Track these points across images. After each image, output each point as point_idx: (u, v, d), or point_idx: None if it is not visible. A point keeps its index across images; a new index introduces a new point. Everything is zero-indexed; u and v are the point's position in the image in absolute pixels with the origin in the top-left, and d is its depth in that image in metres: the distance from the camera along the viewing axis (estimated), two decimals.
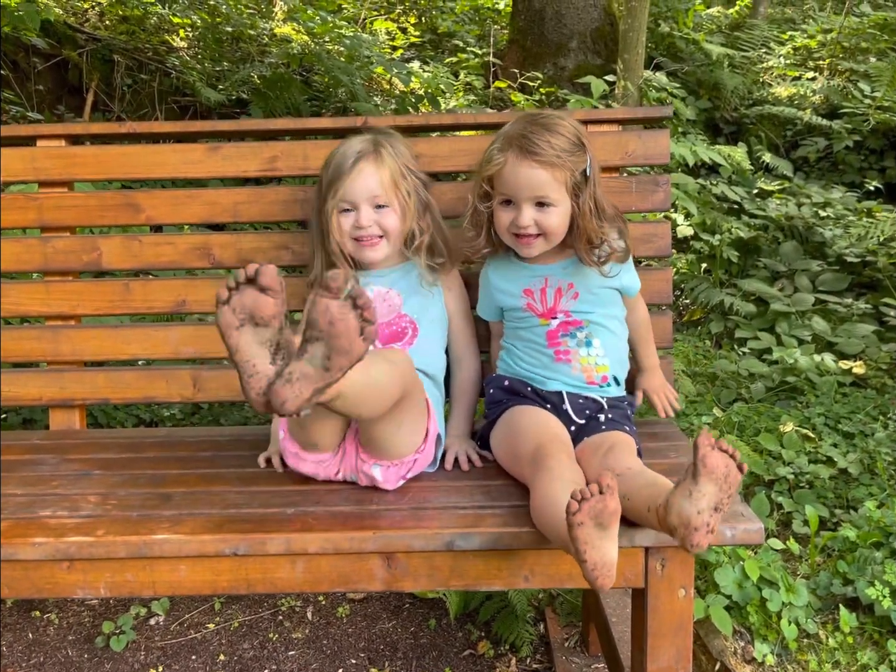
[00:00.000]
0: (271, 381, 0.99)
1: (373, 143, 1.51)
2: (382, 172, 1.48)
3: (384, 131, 1.57)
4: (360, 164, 1.47)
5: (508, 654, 1.90)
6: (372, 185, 1.48)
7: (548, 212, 1.42)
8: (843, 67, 5.04)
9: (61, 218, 1.78)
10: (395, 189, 1.49)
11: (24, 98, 3.95)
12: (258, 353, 1.00)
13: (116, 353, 1.78)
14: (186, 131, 1.85)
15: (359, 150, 1.48)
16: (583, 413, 1.45)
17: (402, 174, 1.50)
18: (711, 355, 3.12)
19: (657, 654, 1.23)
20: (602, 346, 1.50)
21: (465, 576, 1.22)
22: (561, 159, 1.39)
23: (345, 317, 0.97)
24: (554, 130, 1.40)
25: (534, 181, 1.39)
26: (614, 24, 5.10)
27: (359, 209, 1.49)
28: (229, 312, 0.99)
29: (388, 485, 1.35)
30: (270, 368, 0.99)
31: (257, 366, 1.00)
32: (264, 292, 0.98)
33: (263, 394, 0.99)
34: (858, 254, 3.51)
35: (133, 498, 1.34)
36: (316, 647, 1.95)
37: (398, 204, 1.50)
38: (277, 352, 1.00)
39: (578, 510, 0.99)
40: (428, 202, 1.55)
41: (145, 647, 1.96)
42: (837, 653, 1.71)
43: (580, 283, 1.50)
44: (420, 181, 1.54)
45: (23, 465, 1.53)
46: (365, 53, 4.58)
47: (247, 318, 0.99)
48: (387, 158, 1.49)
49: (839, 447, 2.32)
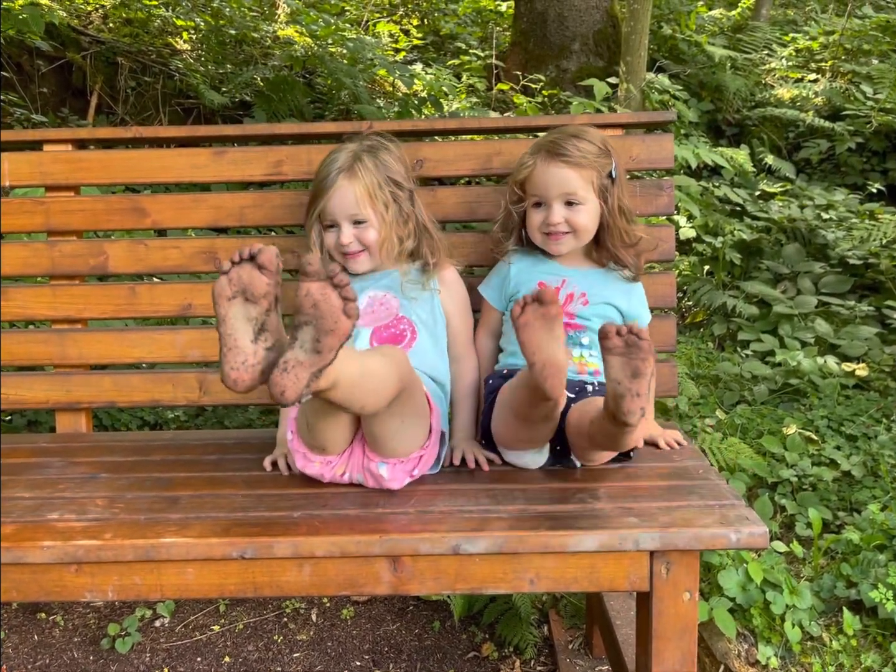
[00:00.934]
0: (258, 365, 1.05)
1: (352, 158, 1.53)
2: (357, 188, 1.51)
3: (374, 142, 1.58)
4: (338, 181, 1.52)
5: (512, 656, 1.91)
6: (348, 204, 1.52)
7: (577, 210, 1.51)
8: (846, 69, 5.04)
9: (68, 222, 1.79)
10: (371, 202, 1.52)
11: (29, 100, 3.96)
12: (242, 328, 1.04)
13: (122, 356, 1.79)
14: (192, 135, 1.86)
15: (338, 166, 1.52)
16: (573, 390, 1.48)
17: (379, 185, 1.53)
18: (714, 357, 3.12)
19: (662, 657, 1.23)
20: (595, 350, 1.54)
21: (471, 579, 1.23)
22: (587, 160, 1.49)
23: (326, 296, 1.02)
24: (580, 136, 1.52)
25: (562, 180, 1.49)
26: (616, 26, 5.11)
27: (339, 227, 1.53)
28: (225, 281, 1.04)
29: (394, 483, 1.36)
30: (250, 346, 1.04)
31: (238, 340, 1.04)
32: (260, 270, 1.03)
33: (235, 368, 1.03)
34: (861, 256, 3.51)
35: (140, 501, 1.35)
36: (321, 649, 1.96)
37: (375, 218, 1.53)
38: (261, 332, 1.05)
39: (522, 313, 1.11)
40: (410, 212, 1.57)
41: (151, 648, 1.97)
42: (841, 655, 1.71)
43: (594, 293, 1.56)
44: (404, 192, 1.56)
45: (30, 468, 1.54)
46: (368, 56, 4.58)
47: (239, 292, 1.04)
48: (361, 174, 1.52)
49: (842, 450, 2.32)
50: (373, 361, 1.19)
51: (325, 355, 1.02)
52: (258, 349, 1.05)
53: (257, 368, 1.05)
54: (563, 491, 1.33)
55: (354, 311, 1.03)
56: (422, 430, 1.37)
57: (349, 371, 1.11)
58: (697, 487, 1.34)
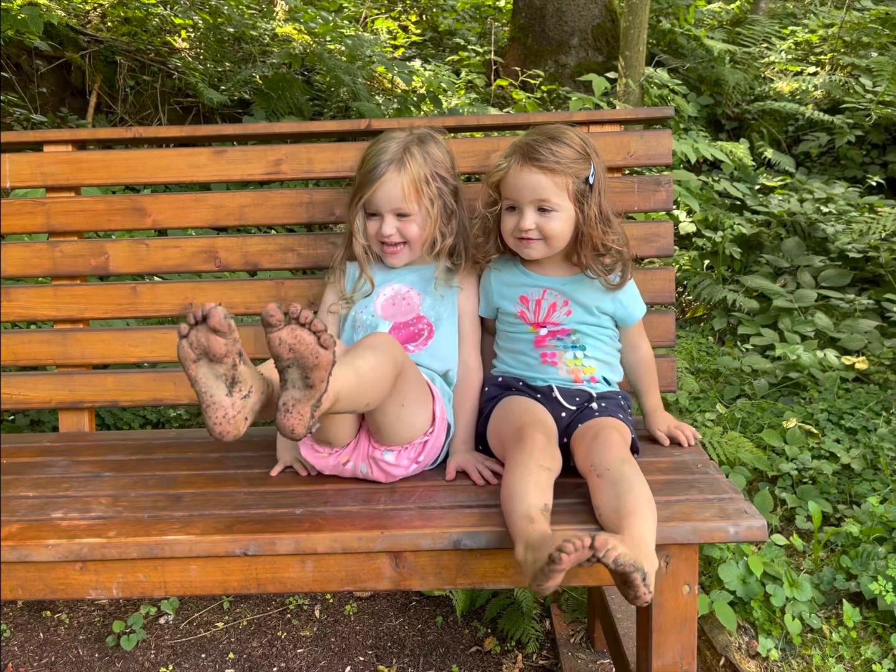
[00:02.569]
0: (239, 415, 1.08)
1: (403, 150, 1.52)
2: (405, 180, 1.50)
3: (422, 134, 1.57)
4: (386, 174, 1.50)
5: (515, 650, 1.92)
6: (394, 195, 1.51)
7: (549, 216, 1.46)
8: (845, 62, 5.04)
9: (69, 222, 1.80)
10: (417, 196, 1.51)
11: (28, 100, 3.97)
12: (214, 385, 1.08)
13: (124, 355, 1.80)
14: (192, 135, 1.87)
15: (388, 158, 1.51)
16: (573, 400, 1.48)
17: (427, 180, 1.52)
18: (714, 352, 3.13)
19: (662, 650, 1.24)
20: (589, 350, 1.53)
21: (472, 574, 1.24)
22: (561, 165, 1.43)
23: (299, 338, 1.05)
24: (558, 139, 1.45)
25: (535, 186, 1.44)
26: (615, 20, 5.11)
27: (382, 218, 1.53)
28: (187, 346, 1.07)
29: (399, 470, 1.39)
30: (227, 400, 1.07)
31: (214, 396, 1.07)
32: (215, 333, 1.05)
33: (218, 423, 1.07)
34: (861, 249, 3.51)
35: (144, 499, 1.36)
36: (324, 645, 1.97)
37: (420, 212, 1.53)
38: (233, 384, 1.08)
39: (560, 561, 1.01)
40: (454, 209, 1.57)
41: (155, 645, 1.99)
42: (841, 647, 1.72)
43: (577, 302, 1.53)
44: (449, 187, 1.56)
45: (34, 467, 1.56)
46: (366, 53, 4.58)
47: (202, 354, 1.06)
48: (410, 165, 1.51)
49: (842, 443, 2.33)
50: (365, 362, 1.21)
51: (318, 387, 1.07)
52: (235, 401, 1.08)
53: (239, 418, 1.09)
54: (563, 486, 1.34)
55: (329, 340, 1.06)
56: (424, 414, 1.39)
57: (346, 382, 1.15)
58: (696, 481, 1.35)
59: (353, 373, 1.17)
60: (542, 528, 1.12)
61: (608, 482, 1.22)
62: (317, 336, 1.06)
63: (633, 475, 1.22)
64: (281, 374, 1.08)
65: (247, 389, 1.09)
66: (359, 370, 1.19)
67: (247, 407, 1.09)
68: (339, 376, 1.12)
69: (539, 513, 1.16)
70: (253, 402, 1.10)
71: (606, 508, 1.19)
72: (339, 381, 1.12)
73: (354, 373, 1.17)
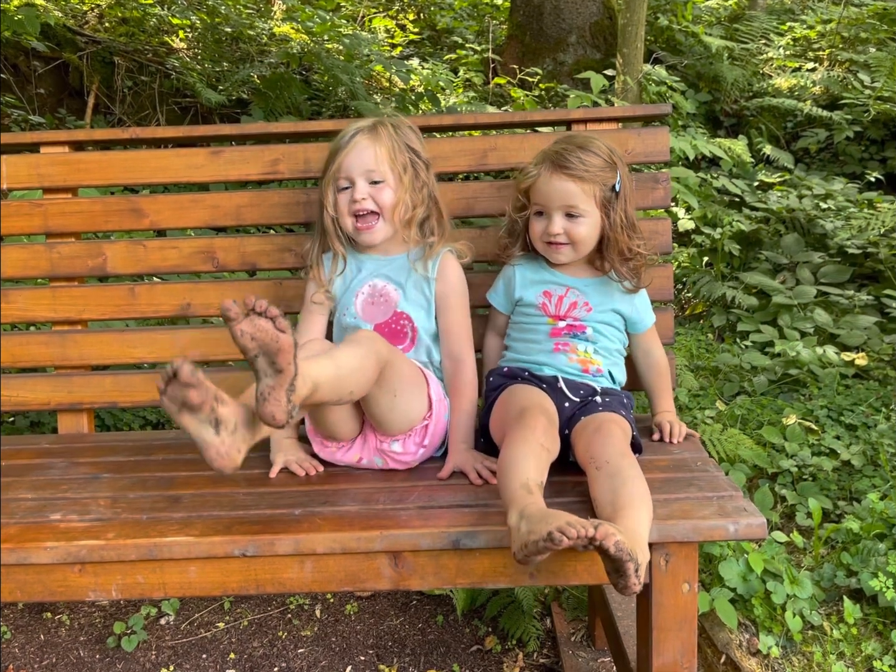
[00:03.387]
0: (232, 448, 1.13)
1: (373, 122, 1.55)
2: (378, 147, 1.51)
3: (395, 118, 1.60)
4: (356, 139, 1.51)
5: (515, 648, 1.92)
6: (367, 160, 1.51)
7: (577, 222, 1.52)
8: (843, 58, 5.03)
9: (66, 224, 1.80)
10: (390, 163, 1.52)
11: (26, 101, 3.96)
12: (202, 428, 1.12)
13: (123, 356, 1.80)
14: (189, 135, 1.87)
15: (357, 127, 1.54)
16: (577, 392, 1.50)
17: (398, 149, 1.53)
18: (714, 349, 3.12)
19: (662, 648, 1.24)
20: (600, 347, 1.57)
21: (472, 574, 1.24)
22: (590, 173, 1.49)
23: (256, 326, 1.09)
24: (586, 148, 1.51)
25: (564, 192, 1.50)
26: (613, 17, 5.10)
27: (354, 183, 1.52)
28: (167, 401, 1.11)
29: (408, 456, 1.44)
30: (216, 439, 1.12)
31: (205, 439, 1.12)
32: (186, 387, 1.08)
33: (214, 459, 1.12)
34: (860, 245, 3.51)
35: (142, 501, 1.36)
36: (325, 645, 1.97)
37: (393, 178, 1.52)
38: (218, 425, 1.12)
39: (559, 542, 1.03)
40: (426, 180, 1.57)
41: (156, 646, 1.99)
42: (842, 644, 1.72)
43: (596, 302, 1.58)
44: (421, 160, 1.57)
45: (33, 469, 1.55)
46: (364, 52, 4.58)
47: (181, 405, 1.10)
48: (383, 135, 1.53)
49: (842, 439, 2.33)
50: (344, 354, 1.27)
51: (287, 370, 1.10)
52: (224, 438, 1.12)
53: (232, 451, 1.13)
54: (562, 484, 1.34)
55: (283, 323, 1.10)
56: (419, 399, 1.43)
57: (324, 373, 1.21)
58: (696, 479, 1.35)
59: (331, 363, 1.23)
60: (539, 502, 1.14)
61: (606, 475, 1.23)
62: (273, 321, 1.09)
63: (630, 469, 1.23)
64: (252, 367, 1.12)
65: (232, 426, 1.13)
66: (337, 360, 1.25)
67: (237, 440, 1.13)
68: (318, 366, 1.19)
69: (537, 486, 1.18)
70: (242, 434, 1.14)
71: (602, 501, 1.20)
72: (317, 370, 1.18)
73: (333, 363, 1.23)
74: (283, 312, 1.11)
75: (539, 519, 1.07)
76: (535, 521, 1.07)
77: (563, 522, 1.03)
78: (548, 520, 1.05)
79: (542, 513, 1.09)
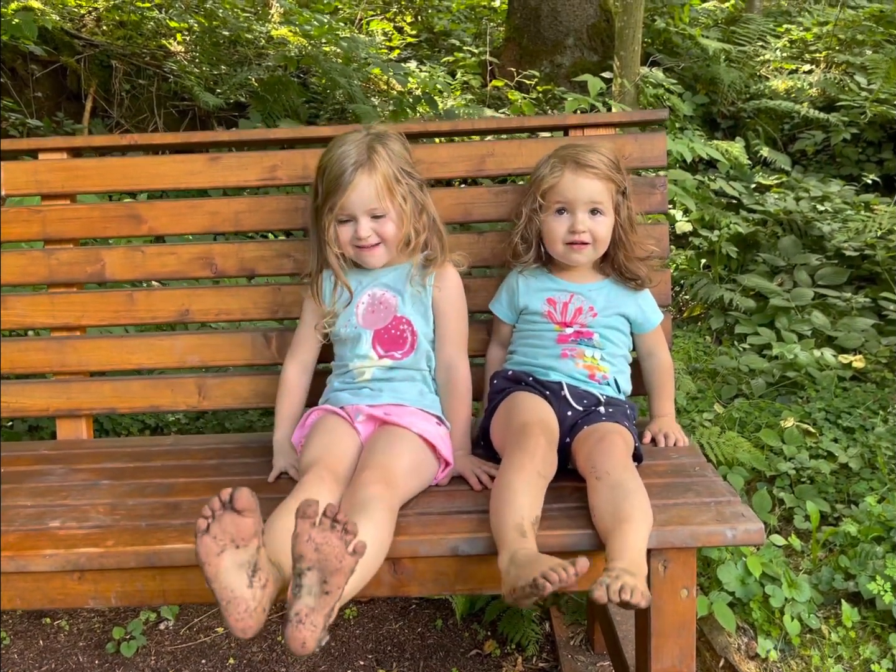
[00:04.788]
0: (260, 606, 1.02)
1: (367, 150, 1.48)
2: (377, 181, 1.47)
3: (379, 132, 1.55)
4: (356, 177, 1.46)
5: (515, 653, 1.92)
6: (368, 198, 1.47)
7: (599, 220, 1.55)
8: (840, 60, 5.04)
9: (65, 230, 1.80)
10: (390, 196, 1.49)
11: (23, 105, 3.97)
12: (236, 577, 1.01)
13: (122, 362, 1.80)
14: (187, 141, 1.87)
15: (354, 161, 1.46)
16: (581, 402, 1.49)
17: (397, 178, 1.50)
18: (712, 351, 3.13)
19: (661, 654, 1.24)
20: (608, 354, 1.57)
21: (471, 580, 1.24)
22: (610, 173, 1.54)
23: (327, 539, 0.98)
24: (598, 151, 1.56)
25: (591, 189, 1.53)
26: (610, 20, 5.10)
27: (357, 221, 1.49)
28: (210, 541, 1.00)
29: None
30: (248, 592, 1.00)
31: (235, 591, 1.01)
32: (241, 514, 1.00)
33: (240, 619, 1.00)
34: (857, 247, 3.51)
35: (141, 507, 1.36)
36: (324, 650, 1.97)
37: (394, 211, 1.50)
38: (255, 573, 1.01)
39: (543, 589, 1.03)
40: (424, 203, 1.56)
41: (155, 651, 1.99)
42: (840, 647, 1.73)
43: (602, 306, 1.59)
44: (416, 182, 1.55)
45: (31, 475, 1.55)
46: (362, 55, 4.58)
47: (227, 543, 1.00)
48: (380, 165, 1.47)
49: (840, 442, 2.33)
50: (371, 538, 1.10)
51: (334, 594, 1.00)
52: (255, 592, 1.01)
53: (259, 610, 1.02)
54: (560, 490, 1.34)
55: (360, 547, 1.00)
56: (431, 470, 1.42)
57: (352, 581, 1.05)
58: (694, 484, 1.35)
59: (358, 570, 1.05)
60: (530, 547, 1.13)
61: (607, 486, 1.23)
62: (348, 540, 0.99)
63: (632, 482, 1.23)
64: (297, 577, 1.00)
65: (265, 577, 1.03)
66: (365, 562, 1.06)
67: (265, 597, 1.03)
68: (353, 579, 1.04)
69: (531, 525, 1.17)
70: (270, 591, 1.04)
71: (602, 511, 1.20)
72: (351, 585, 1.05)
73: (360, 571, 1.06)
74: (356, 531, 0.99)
75: (526, 563, 1.08)
76: (523, 566, 1.08)
77: (547, 568, 1.03)
78: (533, 566, 1.06)
79: (530, 558, 1.10)
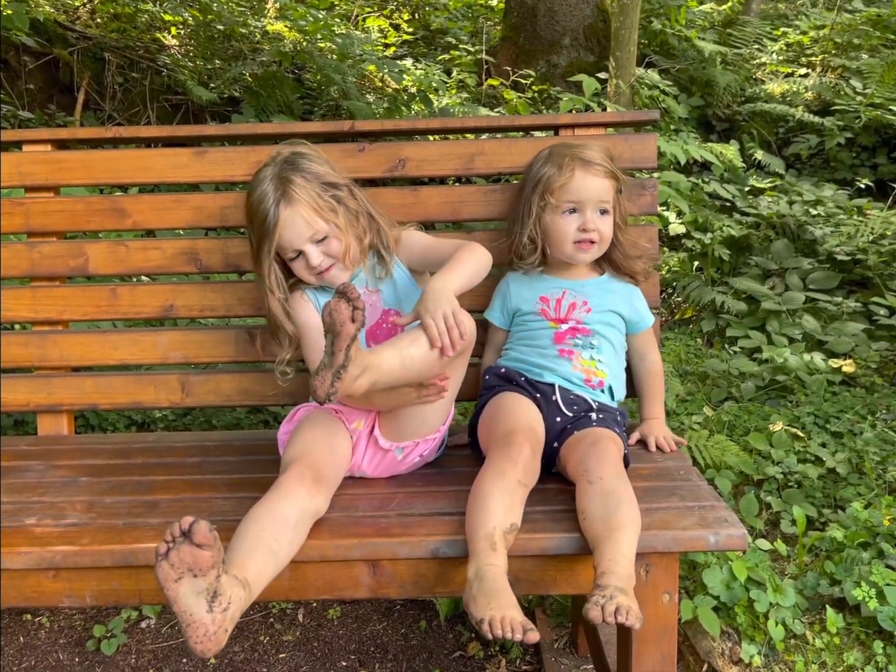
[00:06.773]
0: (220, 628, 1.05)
1: (281, 183, 1.45)
2: (302, 211, 1.44)
3: (287, 157, 1.51)
4: (281, 216, 1.44)
5: (498, 655, 1.91)
6: (301, 228, 1.45)
7: (605, 219, 1.56)
8: (836, 64, 5.04)
9: (48, 223, 1.78)
10: (321, 217, 1.46)
11: (15, 97, 3.93)
12: (195, 603, 1.04)
13: (104, 358, 1.78)
14: (173, 135, 1.85)
15: (273, 200, 1.44)
16: (572, 407, 1.48)
17: (320, 196, 1.46)
18: (703, 354, 3.12)
19: (642, 658, 1.23)
20: (604, 356, 1.56)
21: (451, 582, 1.23)
22: (613, 171, 1.56)
23: (338, 307, 1.15)
24: (597, 150, 1.58)
25: (600, 188, 1.55)
26: (607, 20, 5.09)
27: (304, 252, 1.48)
28: (168, 567, 1.03)
29: (404, 465, 1.46)
30: (207, 617, 1.03)
31: (194, 615, 1.04)
32: (200, 547, 1.02)
33: (200, 642, 1.04)
34: (849, 252, 3.51)
35: (119, 506, 1.34)
36: (307, 650, 1.96)
37: (330, 228, 1.48)
38: (214, 599, 1.04)
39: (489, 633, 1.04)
40: (357, 207, 1.53)
41: (136, 650, 1.97)
42: (824, 653, 1.72)
43: (595, 302, 1.58)
44: (342, 190, 1.51)
45: (9, 471, 1.54)
46: (357, 51, 4.56)
47: (185, 571, 1.03)
48: (299, 194, 1.44)
49: (828, 447, 2.33)
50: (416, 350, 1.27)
51: (338, 356, 1.15)
52: (215, 616, 1.04)
53: (220, 632, 1.05)
54: (544, 493, 1.33)
55: (360, 317, 1.15)
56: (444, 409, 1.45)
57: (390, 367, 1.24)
58: (678, 489, 1.34)
59: (398, 360, 1.25)
60: (498, 564, 1.13)
61: (599, 492, 1.22)
62: (353, 310, 1.14)
63: (625, 491, 1.22)
64: (325, 341, 1.17)
65: (227, 601, 1.05)
66: (405, 359, 1.26)
67: (227, 619, 1.05)
68: (385, 360, 1.23)
69: (502, 536, 1.16)
70: (233, 612, 1.06)
71: (593, 517, 1.19)
72: (383, 363, 1.23)
73: (400, 361, 1.25)
74: (363, 307, 1.16)
75: (490, 593, 1.08)
76: (484, 594, 1.08)
77: (499, 616, 1.04)
78: (492, 602, 1.06)
79: (496, 588, 1.09)
